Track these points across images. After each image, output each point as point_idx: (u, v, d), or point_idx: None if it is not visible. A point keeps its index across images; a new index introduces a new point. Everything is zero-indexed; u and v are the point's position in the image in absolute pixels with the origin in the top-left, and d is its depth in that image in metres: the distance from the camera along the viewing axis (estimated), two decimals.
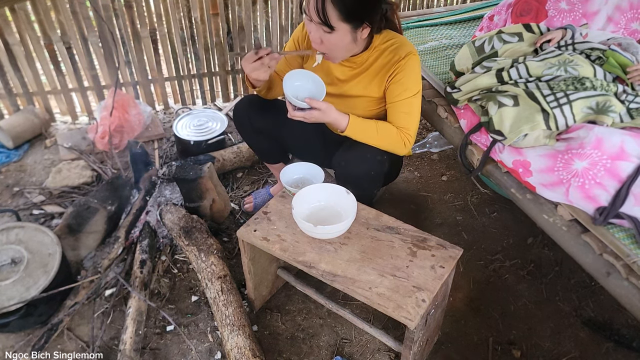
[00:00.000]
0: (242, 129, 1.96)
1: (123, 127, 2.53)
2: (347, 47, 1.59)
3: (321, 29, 1.50)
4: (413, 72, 1.64)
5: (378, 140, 1.68)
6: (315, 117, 1.61)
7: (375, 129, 1.66)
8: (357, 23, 1.51)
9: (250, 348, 1.55)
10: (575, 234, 1.47)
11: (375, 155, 1.68)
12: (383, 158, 1.69)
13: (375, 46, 1.66)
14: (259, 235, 1.53)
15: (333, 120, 1.65)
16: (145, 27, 2.68)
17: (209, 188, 2.06)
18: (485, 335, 1.77)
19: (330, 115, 1.62)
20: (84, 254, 1.90)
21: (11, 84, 2.64)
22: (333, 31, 1.50)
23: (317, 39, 1.55)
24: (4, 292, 1.61)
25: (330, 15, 1.45)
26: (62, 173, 2.36)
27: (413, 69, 1.64)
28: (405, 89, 1.64)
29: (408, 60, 1.62)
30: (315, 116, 1.61)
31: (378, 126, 1.66)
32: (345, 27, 1.50)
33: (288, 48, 1.83)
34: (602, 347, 1.74)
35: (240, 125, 1.95)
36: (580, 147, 1.39)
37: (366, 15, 1.51)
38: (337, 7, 1.44)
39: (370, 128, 1.66)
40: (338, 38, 1.53)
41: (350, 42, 1.57)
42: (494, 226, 2.23)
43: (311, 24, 1.52)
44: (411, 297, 1.33)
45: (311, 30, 1.55)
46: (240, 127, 1.96)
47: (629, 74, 1.64)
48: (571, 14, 1.94)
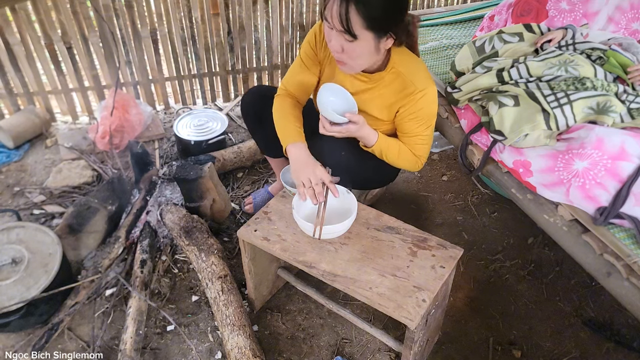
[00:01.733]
0: (247, 118, 1.95)
1: (123, 127, 2.53)
2: (368, 57, 1.52)
3: (343, 37, 1.43)
4: (429, 107, 1.60)
5: (396, 161, 1.70)
6: (351, 131, 1.58)
7: (398, 152, 1.67)
8: (381, 33, 1.45)
9: (251, 348, 1.55)
10: (576, 234, 1.47)
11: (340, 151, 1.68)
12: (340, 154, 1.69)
13: (392, 66, 1.59)
14: (259, 235, 1.53)
15: (365, 135, 1.62)
16: (145, 27, 2.68)
17: (210, 188, 2.06)
18: (485, 335, 1.77)
19: (364, 130, 1.60)
20: (84, 254, 1.90)
21: (12, 83, 2.64)
22: (355, 40, 1.42)
23: (338, 48, 1.48)
24: (5, 292, 1.61)
25: (354, 23, 1.38)
26: (63, 173, 2.36)
27: (429, 103, 1.59)
28: (421, 124, 1.62)
29: (425, 94, 1.56)
30: (352, 130, 1.58)
31: (400, 150, 1.67)
32: (368, 36, 1.43)
33: (303, 51, 1.75)
34: (602, 347, 1.74)
35: (246, 115, 1.94)
36: (581, 147, 1.39)
37: (391, 25, 1.45)
38: (363, 14, 1.37)
39: (393, 149, 1.67)
40: (360, 47, 1.45)
41: (373, 52, 1.49)
42: (494, 226, 2.23)
43: (332, 32, 1.45)
44: (411, 297, 1.33)
45: (331, 38, 1.47)
46: (246, 117, 1.95)
47: (630, 74, 1.64)
48: (572, 14, 1.94)
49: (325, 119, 1.56)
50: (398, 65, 1.58)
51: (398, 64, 1.58)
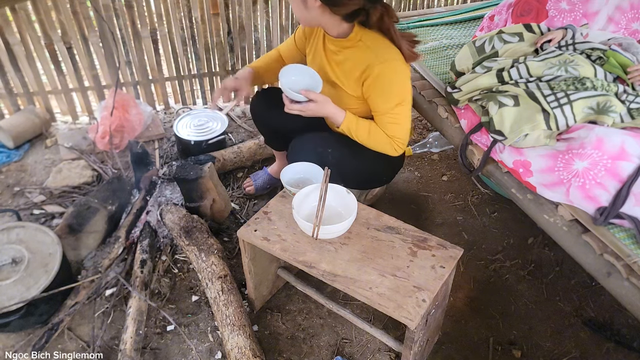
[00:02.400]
0: (254, 115, 2.11)
1: (123, 127, 2.53)
2: (298, 10, 1.59)
3: None
4: (392, 79, 1.62)
5: (368, 142, 1.72)
6: (311, 109, 1.63)
7: (368, 131, 1.70)
8: None
9: (251, 348, 1.55)
10: (576, 234, 1.47)
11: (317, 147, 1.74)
12: (327, 151, 1.75)
13: (360, 39, 1.64)
14: (259, 235, 1.53)
15: (330, 113, 1.67)
16: (145, 27, 2.68)
17: (210, 188, 2.06)
18: (485, 335, 1.77)
19: (326, 108, 1.65)
20: (84, 254, 1.90)
21: (12, 83, 2.64)
22: None
23: None
24: (5, 292, 1.61)
25: None
26: (63, 173, 2.36)
27: (391, 75, 1.61)
28: (387, 100, 1.64)
29: (385, 66, 1.59)
30: (312, 109, 1.63)
31: (371, 129, 1.70)
32: None
33: (286, 44, 1.99)
34: (602, 347, 1.74)
35: (253, 113, 2.10)
36: (581, 147, 1.39)
37: None
38: None
39: (363, 129, 1.70)
40: (293, 3, 1.59)
41: (301, 6, 1.56)
42: (494, 226, 2.23)
43: None
44: (412, 297, 1.33)
45: None
46: (253, 114, 2.11)
47: (630, 74, 1.64)
48: (572, 14, 1.94)
49: (286, 97, 1.63)
50: (366, 39, 1.64)
51: (366, 39, 1.64)
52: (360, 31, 1.65)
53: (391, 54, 1.63)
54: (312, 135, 1.82)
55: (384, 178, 2.03)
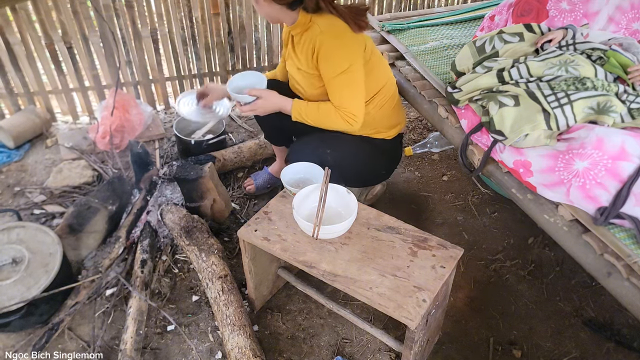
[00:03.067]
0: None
1: (124, 127, 2.53)
2: (261, 10, 1.73)
3: None
4: (336, 46, 1.68)
5: (319, 119, 1.77)
6: (259, 105, 1.77)
7: (317, 108, 1.76)
8: None
9: (251, 348, 1.55)
10: (576, 234, 1.47)
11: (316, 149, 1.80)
12: (325, 152, 1.80)
13: (309, 20, 1.72)
14: (259, 235, 1.53)
15: (278, 104, 1.79)
16: (146, 26, 2.68)
17: (210, 188, 2.06)
18: (485, 335, 1.77)
19: (272, 100, 1.78)
20: (84, 254, 1.90)
21: (12, 83, 2.64)
22: None
23: None
24: (5, 292, 1.62)
25: None
26: (63, 173, 2.36)
27: (333, 41, 1.68)
28: (330, 66, 1.69)
29: (324, 31, 1.67)
30: (260, 104, 1.77)
31: (320, 106, 1.76)
32: None
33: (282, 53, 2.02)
34: (602, 347, 1.74)
35: None
36: (581, 147, 1.39)
37: None
38: None
39: (312, 110, 1.77)
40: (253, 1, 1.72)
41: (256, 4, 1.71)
42: (494, 226, 2.23)
43: None
44: (412, 297, 1.33)
45: None
46: None
47: (630, 74, 1.64)
48: (572, 14, 1.93)
49: (238, 103, 1.81)
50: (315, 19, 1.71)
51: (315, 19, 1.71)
52: (311, 14, 1.72)
53: (334, 25, 1.69)
54: (309, 138, 1.85)
55: (383, 172, 2.05)
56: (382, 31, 2.45)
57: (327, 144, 1.81)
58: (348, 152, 1.82)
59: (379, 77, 1.84)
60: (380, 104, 1.88)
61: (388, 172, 2.08)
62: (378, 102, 1.87)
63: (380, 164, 1.97)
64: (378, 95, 1.85)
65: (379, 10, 3.39)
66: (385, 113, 1.91)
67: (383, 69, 1.89)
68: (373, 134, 1.92)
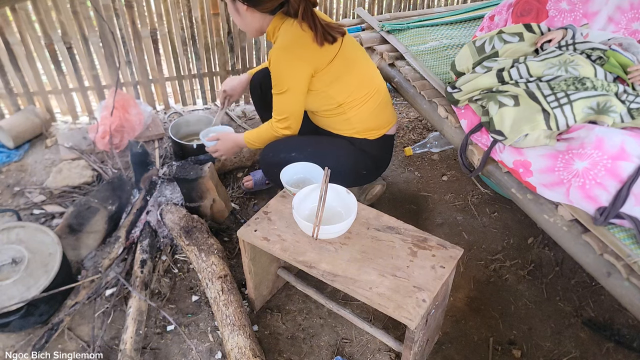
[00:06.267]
0: (254, 96, 2.22)
1: (123, 127, 2.53)
2: (242, 23, 1.78)
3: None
4: (279, 68, 1.73)
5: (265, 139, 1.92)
6: (220, 145, 2.01)
7: (258, 133, 1.93)
8: None
9: (251, 348, 1.55)
10: (576, 234, 1.47)
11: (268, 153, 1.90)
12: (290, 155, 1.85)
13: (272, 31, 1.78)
14: (259, 235, 1.53)
15: (233, 140, 1.99)
16: (145, 26, 2.68)
17: (210, 188, 2.06)
18: (485, 335, 1.77)
19: (229, 138, 2.00)
20: (84, 254, 1.90)
21: (12, 83, 2.64)
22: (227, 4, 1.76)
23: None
24: (5, 292, 1.61)
25: None
26: (63, 173, 2.36)
27: (276, 64, 1.72)
28: (273, 83, 1.78)
29: (272, 55, 1.72)
30: (219, 145, 2.01)
31: (259, 130, 1.92)
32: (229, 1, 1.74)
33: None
34: (602, 347, 1.74)
35: (253, 91, 2.20)
36: (581, 147, 1.39)
37: None
38: None
39: (254, 135, 1.94)
40: (233, 16, 1.79)
41: (235, 14, 1.77)
42: (494, 226, 2.23)
43: None
44: (412, 297, 1.33)
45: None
46: (253, 94, 2.21)
47: (630, 74, 1.64)
48: (572, 14, 1.93)
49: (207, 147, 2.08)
50: (282, 30, 1.75)
51: (282, 27, 1.75)
52: (280, 21, 1.75)
53: (291, 40, 1.72)
54: (272, 143, 1.91)
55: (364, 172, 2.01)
56: (381, 31, 2.45)
57: (291, 147, 1.87)
58: (329, 151, 1.88)
59: (350, 82, 1.82)
60: (356, 105, 1.86)
61: (372, 173, 2.06)
62: (353, 103, 1.85)
63: (362, 164, 1.95)
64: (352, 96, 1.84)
65: (379, 10, 3.39)
66: (363, 115, 1.88)
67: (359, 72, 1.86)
68: (354, 134, 1.92)
